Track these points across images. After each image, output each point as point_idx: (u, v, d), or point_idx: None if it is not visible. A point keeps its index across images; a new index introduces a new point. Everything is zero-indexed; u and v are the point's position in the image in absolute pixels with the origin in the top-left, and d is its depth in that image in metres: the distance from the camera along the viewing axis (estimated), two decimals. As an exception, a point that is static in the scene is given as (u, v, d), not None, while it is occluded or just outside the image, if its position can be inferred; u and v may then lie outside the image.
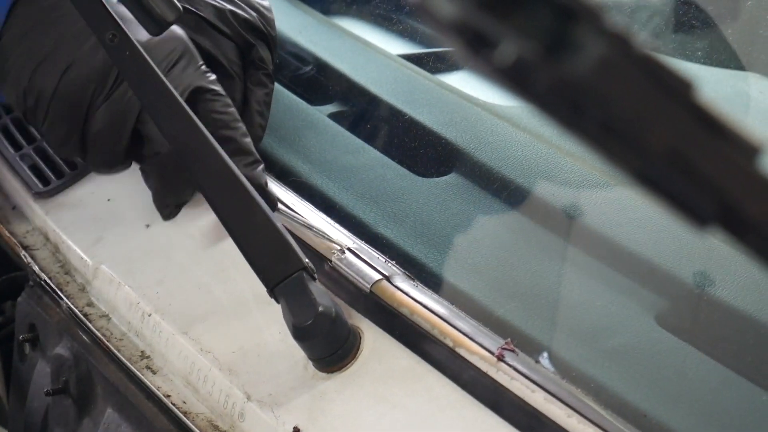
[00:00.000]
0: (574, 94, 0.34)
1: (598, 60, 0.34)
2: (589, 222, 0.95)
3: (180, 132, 0.87)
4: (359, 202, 1.02)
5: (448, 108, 1.10)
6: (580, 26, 0.34)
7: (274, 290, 0.87)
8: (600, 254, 0.91)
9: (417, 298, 0.88)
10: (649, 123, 0.34)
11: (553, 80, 0.34)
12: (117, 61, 0.86)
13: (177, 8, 0.83)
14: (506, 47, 0.34)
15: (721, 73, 1.20)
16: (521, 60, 0.34)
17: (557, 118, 0.35)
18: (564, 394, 0.78)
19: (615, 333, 0.86)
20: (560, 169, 0.99)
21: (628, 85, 0.34)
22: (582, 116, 0.35)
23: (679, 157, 0.34)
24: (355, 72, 1.17)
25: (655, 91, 0.34)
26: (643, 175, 0.35)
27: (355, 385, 0.86)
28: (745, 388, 0.78)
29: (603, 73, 0.34)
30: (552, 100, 0.35)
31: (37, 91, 0.99)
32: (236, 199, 0.87)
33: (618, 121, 0.34)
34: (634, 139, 0.34)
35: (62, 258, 1.11)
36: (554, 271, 0.91)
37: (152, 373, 0.96)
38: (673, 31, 1.32)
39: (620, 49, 0.34)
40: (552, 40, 0.34)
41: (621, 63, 0.34)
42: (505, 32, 0.34)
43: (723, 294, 0.85)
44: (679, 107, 0.34)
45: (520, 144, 1.03)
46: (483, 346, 0.82)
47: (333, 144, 1.09)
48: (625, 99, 0.34)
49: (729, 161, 0.35)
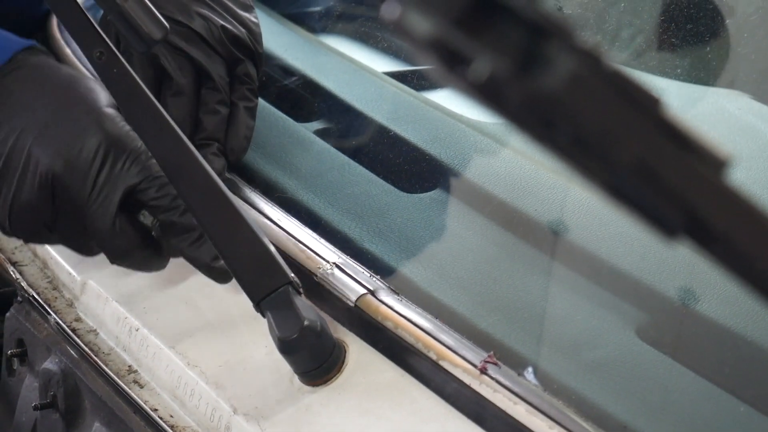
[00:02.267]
0: (545, 109, 0.35)
1: (569, 76, 0.35)
2: (571, 237, 0.96)
3: (168, 150, 0.89)
4: (344, 218, 1.03)
5: (433, 124, 1.12)
6: (550, 43, 0.35)
7: (260, 304, 0.88)
8: (582, 269, 0.93)
9: (401, 312, 0.89)
10: (618, 137, 0.35)
11: (525, 96, 0.35)
12: (104, 78, 0.87)
13: (164, 26, 0.85)
14: (479, 64, 0.35)
15: (703, 90, 1.22)
16: (494, 76, 0.35)
17: (530, 133, 0.36)
18: (546, 406, 0.79)
19: (596, 346, 0.87)
20: (543, 184, 1.00)
21: (597, 101, 0.35)
22: (553, 130, 0.36)
23: (647, 170, 0.36)
24: (341, 89, 1.18)
25: (624, 106, 0.35)
26: (613, 187, 0.36)
27: (341, 399, 0.87)
28: (723, 399, 0.79)
29: (573, 88, 0.35)
30: (524, 115, 0.36)
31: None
32: (223, 216, 0.88)
33: (588, 135, 0.35)
34: (604, 153, 0.35)
35: (50, 274, 1.12)
36: (537, 285, 0.93)
37: (139, 387, 0.97)
38: (656, 50, 1.34)
39: (590, 65, 0.35)
40: (524, 56, 0.35)
41: (591, 79, 0.35)
42: (479, 49, 0.35)
43: (701, 307, 0.86)
44: (647, 121, 0.35)
45: (504, 160, 1.05)
46: (466, 359, 0.83)
47: (319, 160, 1.10)
48: (594, 114, 0.35)
49: (696, 174, 0.36)
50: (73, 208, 0.93)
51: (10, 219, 0.95)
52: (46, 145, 0.92)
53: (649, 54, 1.31)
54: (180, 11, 1.04)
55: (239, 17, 1.08)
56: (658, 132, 0.36)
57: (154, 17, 0.84)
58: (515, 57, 0.35)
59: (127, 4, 0.83)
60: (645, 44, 1.32)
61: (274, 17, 1.35)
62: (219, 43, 1.05)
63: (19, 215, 0.94)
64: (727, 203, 0.36)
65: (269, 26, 1.31)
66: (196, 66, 1.04)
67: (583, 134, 0.35)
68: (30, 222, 0.95)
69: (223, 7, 1.07)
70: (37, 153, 0.92)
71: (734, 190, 0.36)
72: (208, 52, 1.05)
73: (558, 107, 0.35)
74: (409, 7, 0.35)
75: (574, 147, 0.36)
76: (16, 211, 0.94)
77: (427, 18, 0.35)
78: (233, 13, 1.08)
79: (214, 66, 1.04)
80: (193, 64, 1.04)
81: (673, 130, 0.36)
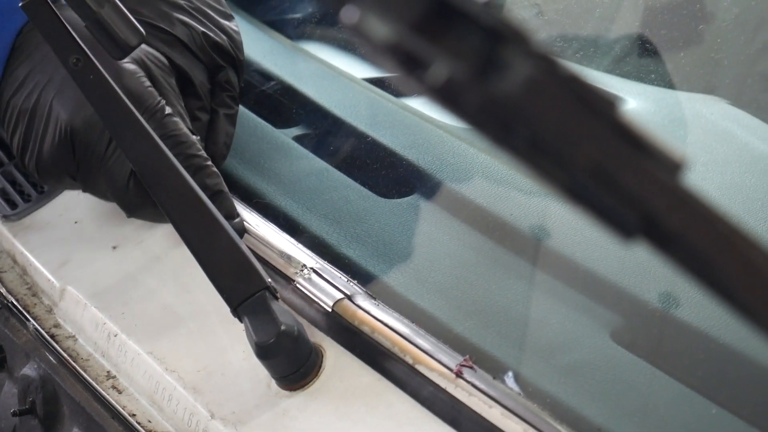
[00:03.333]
0: (503, 113, 0.36)
1: (525, 80, 0.36)
2: (547, 241, 0.97)
3: (143, 155, 0.89)
4: (322, 223, 1.03)
5: (410, 130, 1.12)
6: (507, 48, 0.36)
7: (237, 309, 0.88)
8: (557, 273, 0.93)
9: (378, 317, 0.89)
10: (574, 140, 0.36)
11: (482, 99, 0.36)
12: (81, 84, 0.87)
13: (140, 33, 0.85)
14: (437, 68, 0.36)
15: (680, 95, 1.22)
16: (452, 80, 0.36)
17: (488, 135, 0.37)
18: (520, 409, 0.80)
19: (571, 349, 0.88)
20: (520, 189, 1.01)
21: (553, 104, 0.36)
22: (511, 133, 0.36)
23: (603, 172, 0.36)
24: (320, 95, 1.19)
25: (580, 110, 0.36)
26: (570, 189, 0.37)
27: (318, 403, 0.88)
28: (696, 401, 0.80)
29: (530, 92, 0.36)
30: (482, 118, 0.36)
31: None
32: (199, 221, 0.89)
33: (544, 138, 0.36)
34: (560, 155, 0.36)
35: (30, 280, 1.12)
36: (512, 289, 0.93)
37: (118, 392, 0.97)
38: (634, 55, 1.35)
39: (546, 69, 0.36)
40: (481, 61, 0.36)
41: (547, 83, 0.36)
42: (437, 54, 0.36)
43: (676, 311, 0.86)
44: (602, 125, 0.36)
45: (481, 165, 1.05)
46: (442, 363, 0.84)
47: (297, 166, 1.11)
48: (550, 117, 0.36)
49: (650, 176, 0.36)
50: (91, 162, 0.99)
51: (37, 169, 1.02)
52: (66, 100, 0.98)
53: (628, 59, 1.32)
54: (161, 18, 1.04)
55: (220, 25, 1.09)
56: (614, 135, 0.36)
57: (130, 24, 0.84)
58: (473, 61, 0.36)
59: (103, 11, 0.83)
60: (624, 49, 1.33)
61: (254, 24, 1.35)
62: (200, 50, 1.06)
63: (44, 166, 1.01)
64: (681, 205, 0.37)
65: (249, 33, 1.32)
66: (178, 72, 1.04)
67: (540, 137, 0.36)
68: (55, 172, 1.01)
69: (204, 15, 1.08)
70: (58, 108, 0.98)
71: (689, 191, 0.37)
72: (190, 58, 1.05)
73: (515, 110, 0.36)
74: (368, 12, 0.36)
75: (531, 149, 0.36)
76: (42, 162, 1.01)
77: (386, 23, 0.36)
78: (214, 21, 1.08)
79: (195, 72, 1.05)
80: (175, 70, 1.04)
81: (628, 133, 0.36)
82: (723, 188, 1.04)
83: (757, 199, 1.01)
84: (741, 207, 1.00)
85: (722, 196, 1.02)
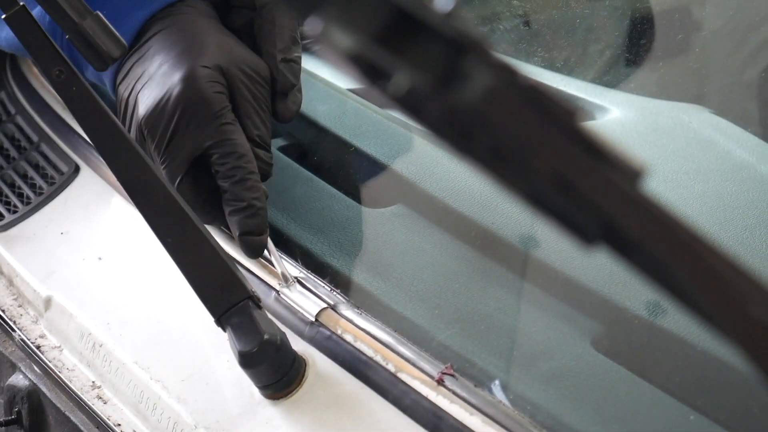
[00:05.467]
0: (463, 122, 0.37)
1: (485, 90, 0.36)
2: (529, 250, 0.98)
3: (126, 166, 0.89)
4: (306, 233, 1.04)
5: (394, 140, 1.13)
6: (468, 59, 0.36)
7: (220, 319, 0.89)
8: (538, 281, 0.94)
9: (361, 326, 0.90)
10: (534, 148, 0.37)
11: (444, 108, 0.37)
12: (64, 96, 0.88)
13: (122, 44, 0.86)
14: (399, 78, 0.36)
15: (663, 104, 1.23)
16: (414, 90, 0.36)
17: (449, 144, 0.37)
18: (501, 416, 0.80)
19: (552, 357, 0.88)
20: (501, 198, 1.02)
21: (513, 113, 0.36)
22: (472, 142, 0.37)
23: (562, 180, 0.37)
24: (305, 105, 1.19)
25: (539, 119, 0.37)
26: (531, 196, 0.38)
27: (301, 411, 0.88)
28: (674, 407, 0.80)
29: (490, 102, 0.36)
30: (444, 127, 0.37)
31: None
32: (183, 231, 0.89)
33: (505, 146, 0.37)
34: (521, 163, 0.37)
35: (16, 291, 1.13)
36: (494, 298, 0.94)
37: (103, 402, 0.98)
38: (620, 65, 1.35)
39: (506, 79, 0.36)
40: (442, 71, 0.36)
41: (506, 92, 0.36)
42: (399, 64, 0.36)
43: (655, 319, 0.87)
44: (561, 133, 0.37)
45: (464, 174, 1.06)
46: (424, 371, 0.85)
47: (282, 176, 1.11)
48: (510, 126, 0.36)
49: (609, 183, 0.37)
50: (155, 156, 1.00)
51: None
52: (146, 95, 1.00)
53: (613, 69, 1.33)
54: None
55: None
56: (573, 143, 0.37)
57: (112, 35, 0.85)
58: (434, 72, 0.36)
59: (85, 23, 0.84)
60: (609, 59, 1.34)
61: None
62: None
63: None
64: (640, 212, 0.37)
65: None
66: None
67: (500, 145, 0.37)
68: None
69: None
70: (140, 101, 1.01)
71: (648, 199, 0.37)
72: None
73: (476, 119, 0.37)
74: (331, 24, 0.36)
75: (492, 158, 0.37)
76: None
77: (349, 34, 0.36)
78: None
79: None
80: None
81: (587, 141, 0.37)
82: (705, 196, 1.04)
83: (738, 207, 1.02)
84: (722, 215, 1.01)
85: (704, 204, 1.03)
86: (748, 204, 1.02)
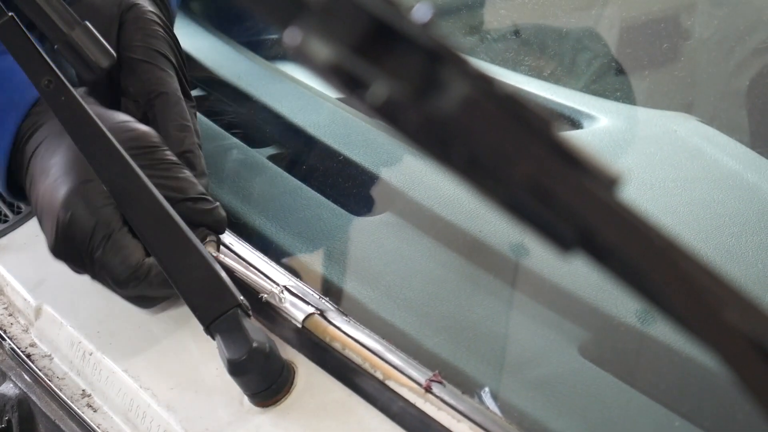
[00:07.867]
0: (441, 131, 0.37)
1: (463, 99, 0.37)
2: (516, 258, 0.98)
3: (115, 175, 0.90)
4: (295, 241, 1.04)
5: (383, 149, 1.14)
6: (445, 68, 0.37)
7: (209, 327, 0.89)
8: (526, 289, 0.95)
9: (349, 333, 0.90)
10: (511, 157, 0.37)
11: (421, 118, 0.37)
12: (53, 106, 0.88)
13: (111, 54, 0.86)
14: (377, 88, 0.37)
15: (651, 112, 1.24)
16: (392, 99, 0.37)
17: (428, 153, 0.38)
18: (488, 423, 0.81)
19: (539, 364, 0.89)
20: (489, 206, 1.02)
21: (490, 122, 0.37)
22: (450, 151, 0.37)
23: (539, 188, 0.37)
24: (294, 115, 1.20)
25: (516, 128, 0.37)
26: (508, 204, 0.38)
27: (290, 419, 0.89)
28: (660, 413, 0.81)
29: (467, 111, 0.37)
30: (422, 136, 0.38)
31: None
32: (172, 240, 0.90)
33: (482, 155, 0.37)
34: (498, 172, 0.37)
35: (6, 300, 1.13)
36: (481, 305, 0.94)
37: (93, 411, 0.98)
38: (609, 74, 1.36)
39: (482, 88, 0.37)
40: (420, 81, 0.37)
41: (483, 102, 0.37)
42: (377, 74, 0.37)
43: (641, 326, 0.88)
44: (538, 142, 0.37)
45: (452, 183, 1.06)
46: (412, 378, 0.85)
47: (272, 185, 1.12)
48: (487, 135, 0.37)
49: (586, 191, 0.37)
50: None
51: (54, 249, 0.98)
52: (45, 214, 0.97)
53: (602, 78, 1.33)
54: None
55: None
56: (549, 152, 0.37)
57: (101, 45, 0.85)
58: (412, 82, 0.37)
59: (74, 33, 0.84)
60: (599, 68, 1.35)
61: (230, 45, 1.36)
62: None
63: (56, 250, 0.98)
64: (616, 219, 0.38)
65: (225, 53, 1.33)
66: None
67: (478, 154, 0.37)
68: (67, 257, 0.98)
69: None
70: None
71: (624, 206, 0.38)
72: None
73: (453, 129, 0.37)
74: (310, 34, 0.37)
75: (469, 166, 0.37)
76: (53, 248, 0.98)
77: (327, 44, 0.37)
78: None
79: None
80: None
81: (563, 150, 0.37)
82: (692, 204, 1.05)
83: (725, 215, 1.03)
84: (709, 222, 1.02)
85: (691, 212, 1.03)
86: (734, 212, 1.03)
